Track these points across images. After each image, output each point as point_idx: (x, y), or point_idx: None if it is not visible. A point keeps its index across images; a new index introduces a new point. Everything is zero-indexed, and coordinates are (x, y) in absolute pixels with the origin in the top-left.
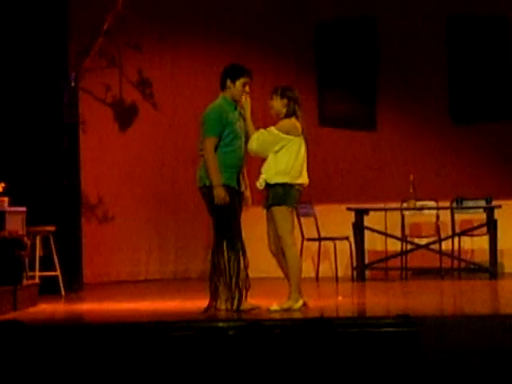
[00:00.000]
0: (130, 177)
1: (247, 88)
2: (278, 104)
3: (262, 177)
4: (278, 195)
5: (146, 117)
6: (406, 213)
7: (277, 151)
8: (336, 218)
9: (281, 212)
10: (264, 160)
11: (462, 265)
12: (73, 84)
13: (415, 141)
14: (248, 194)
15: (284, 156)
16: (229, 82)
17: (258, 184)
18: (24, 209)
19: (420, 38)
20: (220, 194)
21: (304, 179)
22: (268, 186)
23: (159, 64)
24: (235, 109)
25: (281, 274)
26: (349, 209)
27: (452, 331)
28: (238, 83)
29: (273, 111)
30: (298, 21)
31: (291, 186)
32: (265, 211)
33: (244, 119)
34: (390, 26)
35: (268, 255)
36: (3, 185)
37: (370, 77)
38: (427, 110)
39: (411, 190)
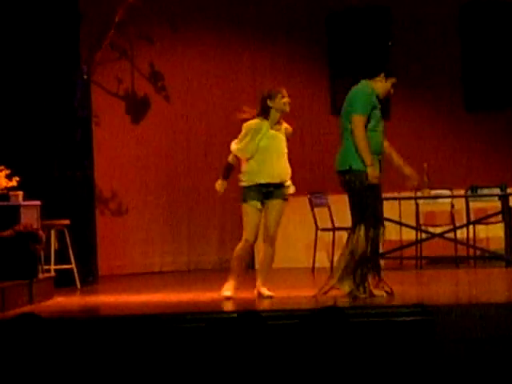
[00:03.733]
0: (143, 169)
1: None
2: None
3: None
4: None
5: (158, 109)
6: (421, 202)
7: None
8: None
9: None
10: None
11: (478, 253)
12: (85, 77)
13: (429, 129)
14: (408, 170)
15: None
16: (381, 77)
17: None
18: (38, 203)
19: (433, 25)
20: (373, 172)
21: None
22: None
23: (171, 56)
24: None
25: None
26: None
27: (467, 320)
28: (389, 81)
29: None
30: (310, 11)
31: None
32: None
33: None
34: (403, 14)
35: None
36: (17, 179)
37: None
38: (441, 99)
39: (425, 179)
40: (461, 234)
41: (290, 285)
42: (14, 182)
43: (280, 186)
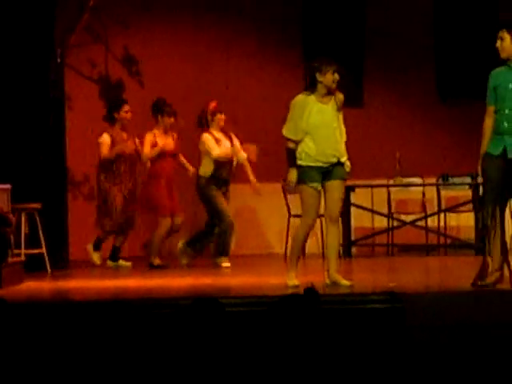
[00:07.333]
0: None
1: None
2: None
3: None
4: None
5: (132, 94)
6: (393, 189)
7: None
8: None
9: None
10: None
11: (448, 241)
12: (59, 60)
13: (402, 118)
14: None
15: None
16: None
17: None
18: (9, 186)
19: (407, 13)
20: (480, 163)
21: None
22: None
23: (145, 40)
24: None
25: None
26: None
27: (437, 307)
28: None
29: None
30: None
31: None
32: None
33: None
34: (378, 1)
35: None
36: None
37: (357, 53)
38: (414, 87)
39: (397, 167)
40: (432, 222)
41: (260, 271)
42: None
43: (337, 164)
